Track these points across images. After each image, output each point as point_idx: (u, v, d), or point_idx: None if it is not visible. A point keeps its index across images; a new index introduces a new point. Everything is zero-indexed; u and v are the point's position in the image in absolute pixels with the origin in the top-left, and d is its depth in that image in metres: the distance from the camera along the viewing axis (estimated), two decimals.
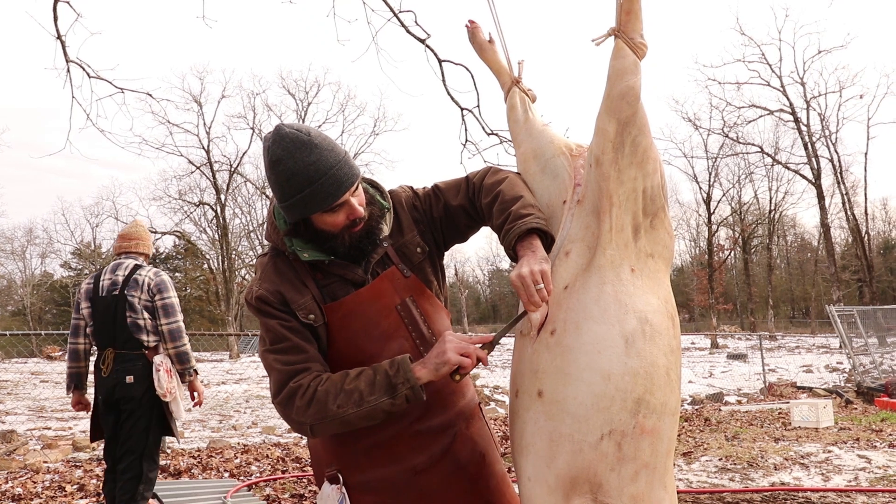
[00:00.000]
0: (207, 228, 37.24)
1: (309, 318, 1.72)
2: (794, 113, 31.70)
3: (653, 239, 1.71)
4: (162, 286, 4.08)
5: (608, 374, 1.58)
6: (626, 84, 1.64)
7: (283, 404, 1.66)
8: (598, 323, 1.61)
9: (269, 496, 5.26)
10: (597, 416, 1.58)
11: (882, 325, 14.21)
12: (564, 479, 1.61)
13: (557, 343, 1.65)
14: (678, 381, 1.67)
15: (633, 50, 1.66)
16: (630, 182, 1.67)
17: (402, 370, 1.61)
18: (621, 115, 1.65)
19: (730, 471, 5.95)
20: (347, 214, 1.70)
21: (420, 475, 1.76)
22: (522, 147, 2.01)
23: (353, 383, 1.62)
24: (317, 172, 1.61)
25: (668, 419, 1.63)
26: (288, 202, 1.66)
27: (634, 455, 1.58)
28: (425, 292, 1.86)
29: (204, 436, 8.73)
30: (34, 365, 23.63)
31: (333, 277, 1.78)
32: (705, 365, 20.86)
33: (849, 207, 32.03)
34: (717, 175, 39.41)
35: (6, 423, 9.67)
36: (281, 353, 1.69)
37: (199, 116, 34.45)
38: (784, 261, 53.45)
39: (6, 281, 45.90)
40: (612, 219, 1.67)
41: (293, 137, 1.62)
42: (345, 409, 1.60)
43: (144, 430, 3.99)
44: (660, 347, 1.62)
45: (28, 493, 5.27)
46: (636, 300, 1.63)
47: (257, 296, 1.74)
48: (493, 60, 2.16)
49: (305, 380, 1.65)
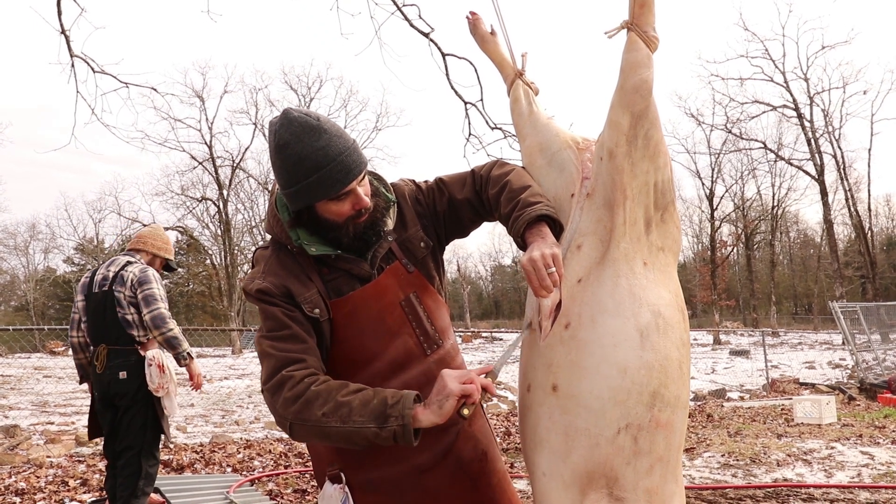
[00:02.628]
0: (210, 224, 37.31)
1: (315, 312, 1.67)
2: (798, 109, 31.64)
3: (663, 233, 1.71)
4: (143, 279, 4.07)
5: (624, 368, 1.58)
6: (639, 77, 1.64)
7: (272, 392, 1.58)
8: (614, 316, 1.61)
9: (271, 491, 5.26)
10: (613, 410, 1.57)
11: (885, 321, 14.17)
12: (581, 473, 1.60)
13: (572, 337, 1.64)
14: (688, 374, 1.67)
15: (647, 43, 1.66)
16: (643, 175, 1.66)
17: (401, 404, 1.50)
18: (635, 108, 1.64)
19: (732, 467, 5.94)
20: (353, 204, 1.65)
21: (424, 474, 1.73)
22: (528, 140, 1.99)
23: (348, 397, 1.53)
24: (325, 158, 1.57)
25: (681, 412, 1.64)
26: (294, 188, 1.61)
27: (650, 449, 1.58)
28: (428, 288, 1.83)
29: (207, 431, 8.74)
30: (37, 360, 23.70)
31: (339, 272, 1.73)
32: (708, 361, 20.84)
33: (852, 203, 31.98)
34: (720, 171, 39.34)
35: (9, 418, 9.69)
36: (279, 341, 1.63)
37: (202, 112, 34.50)
38: (787, 257, 53.38)
39: (9, 276, 46.00)
40: (626, 212, 1.66)
41: (302, 122, 1.57)
42: (328, 420, 1.51)
43: (141, 426, 3.99)
44: (672, 341, 1.62)
45: (31, 487, 5.28)
46: (649, 293, 1.63)
47: (261, 288, 1.68)
48: (495, 53, 2.14)
49: (299, 372, 1.58)
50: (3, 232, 42.39)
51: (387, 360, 1.73)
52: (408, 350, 1.75)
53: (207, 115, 34.83)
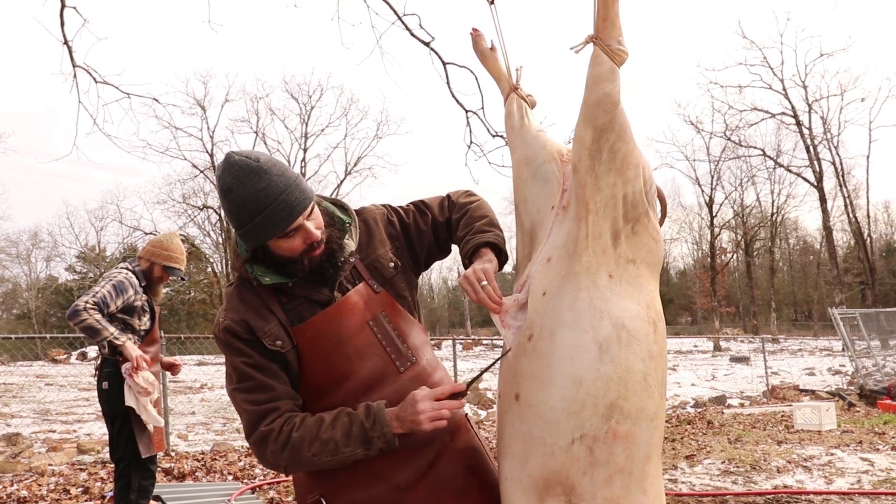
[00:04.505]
0: (211, 232, 37.41)
1: (276, 344, 1.70)
2: (796, 116, 31.74)
3: (635, 244, 1.69)
4: (103, 278, 4.01)
5: (580, 380, 1.58)
6: (601, 91, 1.63)
7: (257, 446, 1.68)
8: (572, 329, 1.61)
9: (272, 499, 5.28)
10: (567, 421, 1.58)
11: (885, 327, 14.17)
12: (538, 480, 1.63)
13: (534, 348, 1.66)
14: (659, 386, 1.65)
15: (611, 56, 1.65)
16: (609, 188, 1.65)
17: (377, 423, 1.63)
18: (597, 123, 1.64)
19: (732, 473, 5.96)
20: (304, 238, 1.67)
21: (405, 492, 1.73)
22: (516, 153, 2.02)
23: (329, 433, 1.63)
24: (266, 198, 1.59)
25: (646, 425, 1.61)
26: (242, 230, 1.64)
27: (607, 460, 1.58)
28: (397, 307, 1.86)
29: (208, 439, 8.75)
30: (39, 368, 23.68)
31: (299, 299, 1.76)
32: (708, 368, 20.82)
33: (851, 210, 32.04)
34: (720, 178, 39.46)
35: (11, 426, 9.70)
36: (248, 392, 1.69)
37: (203, 120, 34.69)
38: (786, 263, 53.40)
39: (11, 284, 46.03)
40: (589, 225, 1.66)
41: (242, 165, 1.60)
42: (319, 458, 1.63)
43: (128, 438, 3.92)
44: (636, 353, 1.61)
45: (33, 495, 5.30)
46: (612, 306, 1.62)
47: (223, 327, 1.72)
48: (494, 67, 2.18)
49: (277, 423, 1.65)
50: (6, 240, 42.48)
51: (358, 379, 1.75)
52: (380, 369, 1.77)
53: (209, 123, 34.97)
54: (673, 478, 5.87)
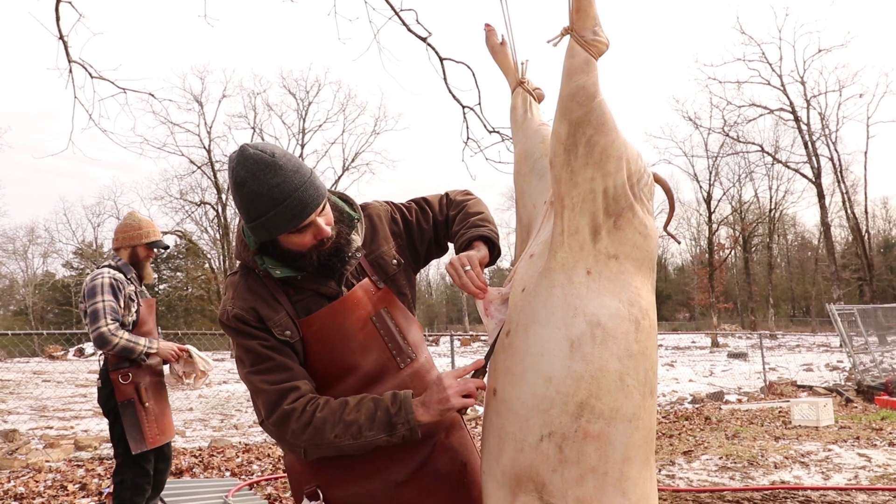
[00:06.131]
0: (209, 228, 37.36)
1: (285, 334, 1.71)
2: (795, 112, 31.71)
3: (617, 240, 1.63)
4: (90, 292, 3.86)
5: (549, 377, 1.56)
6: (575, 84, 1.59)
7: (278, 426, 1.66)
8: (544, 326, 1.59)
9: (270, 495, 5.27)
10: (537, 418, 1.57)
11: (882, 323, 14.19)
12: (510, 475, 1.62)
13: (510, 344, 1.66)
14: (640, 386, 1.60)
15: (585, 48, 1.61)
16: (586, 183, 1.60)
17: (403, 409, 1.63)
18: (572, 116, 1.59)
19: (730, 469, 5.96)
20: (314, 234, 1.68)
21: (401, 487, 1.75)
22: (518, 147, 2.03)
23: (353, 415, 1.63)
24: (281, 195, 1.59)
25: (622, 425, 1.56)
26: (253, 223, 1.64)
27: (578, 459, 1.55)
28: (398, 304, 1.88)
29: (205, 435, 8.75)
30: (36, 364, 23.67)
31: (307, 292, 1.77)
32: (706, 364, 20.87)
33: (849, 206, 32.05)
34: (718, 174, 39.51)
35: (8, 423, 9.69)
36: (266, 374, 1.68)
37: (201, 116, 34.61)
38: (784, 259, 53.47)
39: (8, 280, 45.99)
40: (564, 221, 1.62)
41: (257, 158, 1.59)
42: (341, 440, 1.62)
43: (120, 437, 3.87)
44: (612, 352, 1.56)
45: (30, 492, 5.29)
46: (588, 303, 1.58)
47: (233, 315, 1.72)
48: (503, 62, 2.19)
49: (299, 402, 1.64)
50: (2, 236, 42.48)
51: (361, 374, 1.77)
52: (381, 364, 1.79)
53: (206, 119, 34.89)
54: (670, 473, 5.88)
